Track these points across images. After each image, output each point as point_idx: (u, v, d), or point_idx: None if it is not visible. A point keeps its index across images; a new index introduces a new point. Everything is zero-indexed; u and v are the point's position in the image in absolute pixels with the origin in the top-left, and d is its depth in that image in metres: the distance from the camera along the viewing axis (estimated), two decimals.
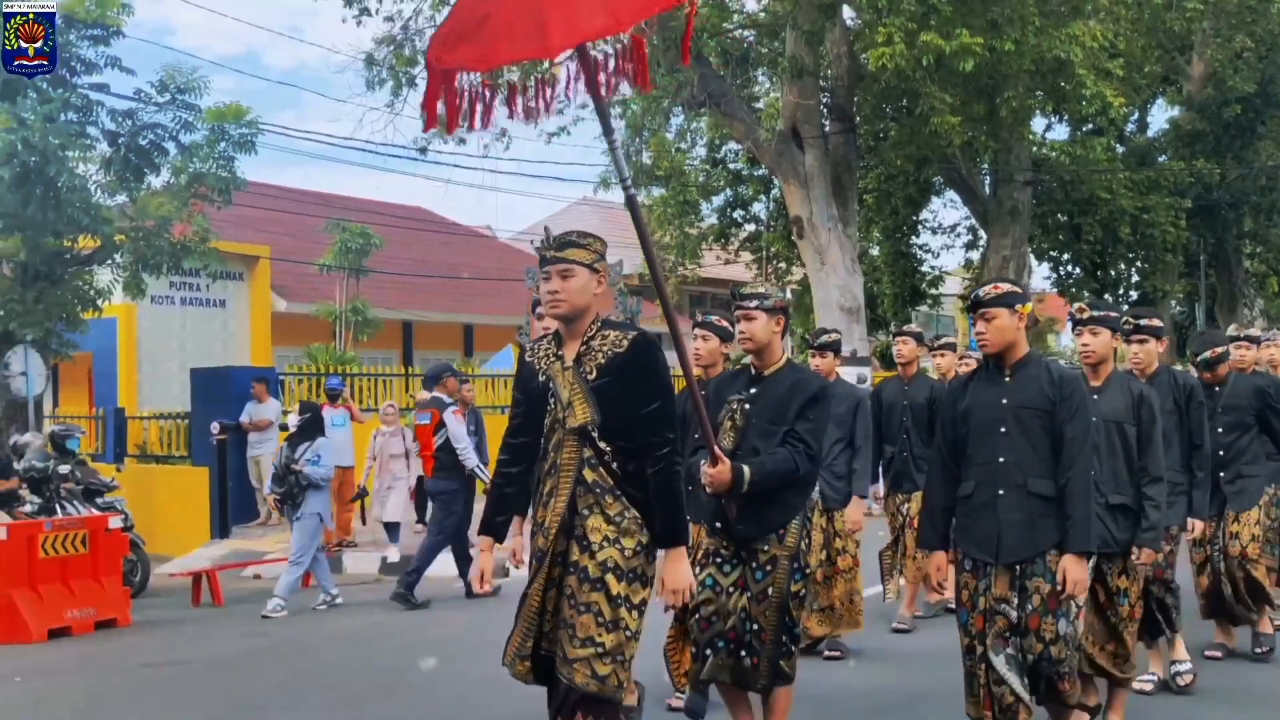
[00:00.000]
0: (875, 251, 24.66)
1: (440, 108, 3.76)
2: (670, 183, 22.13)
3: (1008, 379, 4.43)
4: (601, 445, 3.74)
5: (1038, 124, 22.78)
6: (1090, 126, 22.70)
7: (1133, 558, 5.04)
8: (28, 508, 9.79)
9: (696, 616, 4.54)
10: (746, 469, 4.30)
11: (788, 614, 4.46)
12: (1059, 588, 4.25)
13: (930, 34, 14.34)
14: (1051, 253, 25.51)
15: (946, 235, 26.57)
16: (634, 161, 21.47)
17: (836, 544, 6.61)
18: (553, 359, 3.87)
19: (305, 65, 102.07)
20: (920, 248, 25.13)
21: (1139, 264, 25.18)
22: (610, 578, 3.68)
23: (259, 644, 8.05)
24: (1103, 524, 4.76)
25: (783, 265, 25.40)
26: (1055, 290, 26.69)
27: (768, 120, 18.18)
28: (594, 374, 3.77)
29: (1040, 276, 26.86)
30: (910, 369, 7.70)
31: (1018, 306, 4.39)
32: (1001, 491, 4.32)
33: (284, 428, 14.87)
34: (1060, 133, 24.78)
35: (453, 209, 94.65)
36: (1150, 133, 26.13)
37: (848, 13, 17.57)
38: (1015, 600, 4.27)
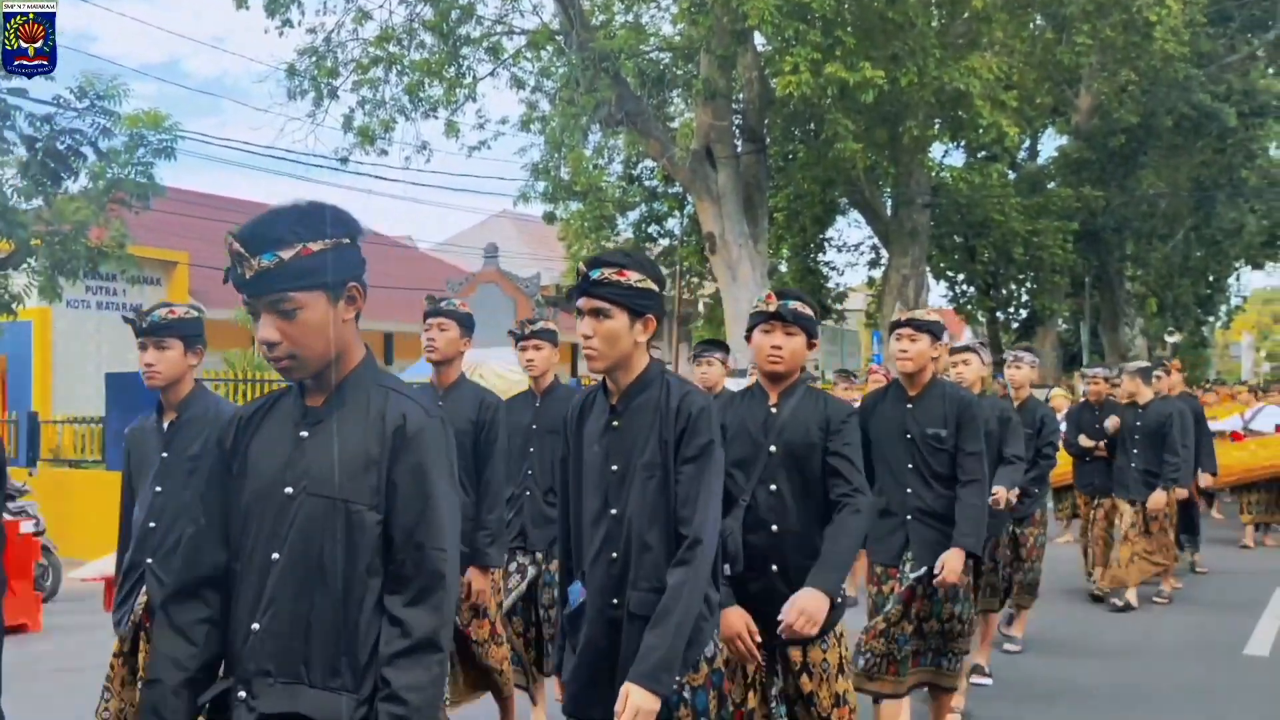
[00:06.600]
0: (784, 268, 24.97)
1: None
2: (587, 198, 22.14)
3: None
4: None
5: (936, 150, 23.31)
6: (985, 154, 23.31)
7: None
8: None
9: None
10: None
11: None
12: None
13: (835, 65, 14.58)
14: (948, 272, 26.18)
15: (851, 254, 27.08)
16: (552, 176, 21.44)
17: None
18: None
19: (228, 74, 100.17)
20: (826, 265, 25.56)
21: (1029, 284, 25.89)
22: None
23: None
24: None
25: (696, 279, 25.61)
26: (952, 308, 27.32)
27: (682, 139, 18.30)
28: None
29: (938, 294, 27.47)
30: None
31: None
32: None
33: None
34: (957, 159, 25.44)
35: (374, 219, 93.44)
36: (1040, 160, 26.88)
37: (759, 39, 17.79)
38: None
